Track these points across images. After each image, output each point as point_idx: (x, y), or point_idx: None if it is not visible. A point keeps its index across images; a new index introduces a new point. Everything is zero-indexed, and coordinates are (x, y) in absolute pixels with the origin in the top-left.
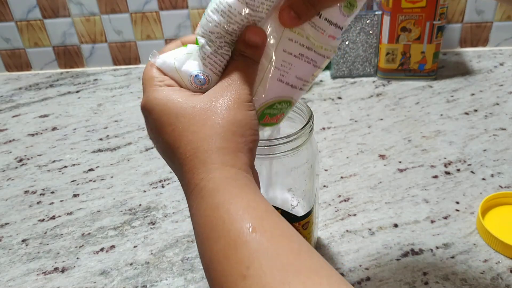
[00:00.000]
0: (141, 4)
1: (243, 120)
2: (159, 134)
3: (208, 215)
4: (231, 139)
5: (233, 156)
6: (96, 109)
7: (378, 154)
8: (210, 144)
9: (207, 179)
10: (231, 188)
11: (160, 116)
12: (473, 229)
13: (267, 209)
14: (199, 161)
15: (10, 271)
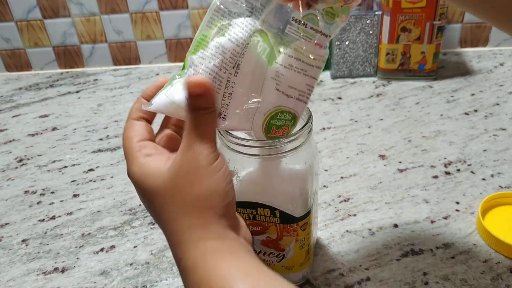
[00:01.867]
0: (141, 4)
1: (207, 191)
2: (146, 206)
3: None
4: (198, 216)
5: (203, 230)
6: (96, 109)
7: (378, 154)
8: (181, 223)
9: (185, 258)
10: (208, 263)
11: (139, 192)
12: (473, 229)
13: (247, 271)
14: (175, 241)
15: (10, 271)
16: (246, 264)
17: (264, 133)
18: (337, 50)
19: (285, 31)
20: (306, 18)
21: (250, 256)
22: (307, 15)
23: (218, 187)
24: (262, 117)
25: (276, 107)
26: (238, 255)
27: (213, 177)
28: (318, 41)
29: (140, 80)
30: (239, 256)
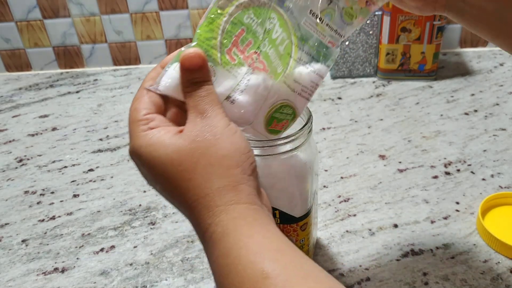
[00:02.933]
0: (141, 4)
1: (231, 150)
2: (155, 183)
3: (221, 262)
4: (227, 175)
5: (235, 192)
6: (96, 110)
7: (378, 155)
8: (208, 188)
9: (215, 224)
10: (240, 229)
11: (149, 165)
12: (473, 229)
13: (279, 246)
14: (202, 207)
15: (10, 271)
16: (276, 239)
17: (265, 125)
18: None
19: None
20: (324, 13)
21: (276, 229)
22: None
23: (241, 145)
24: (267, 109)
25: (281, 100)
26: (267, 227)
27: (233, 136)
28: (331, 39)
29: (140, 81)
30: (268, 228)
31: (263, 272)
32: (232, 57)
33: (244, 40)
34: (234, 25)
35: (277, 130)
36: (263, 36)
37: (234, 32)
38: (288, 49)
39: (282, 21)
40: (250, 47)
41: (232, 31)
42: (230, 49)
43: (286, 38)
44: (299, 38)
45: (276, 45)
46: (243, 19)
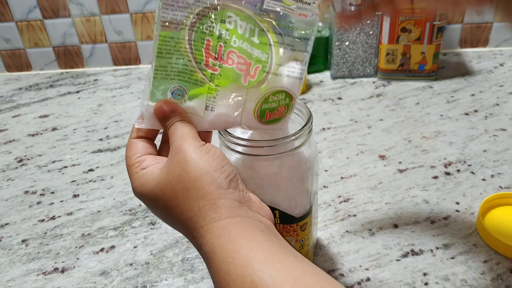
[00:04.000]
0: (141, 4)
1: (203, 170)
2: (155, 214)
3: (216, 279)
4: (203, 195)
5: (214, 209)
6: (96, 110)
7: (378, 155)
8: (191, 211)
9: (204, 244)
10: (226, 246)
11: (145, 201)
12: (473, 229)
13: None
14: (192, 229)
15: (10, 271)
16: (262, 249)
17: (258, 119)
18: (337, 50)
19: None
20: None
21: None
22: None
23: (213, 163)
24: (253, 104)
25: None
26: (254, 238)
27: (205, 156)
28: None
29: (140, 81)
30: (254, 239)
31: (252, 284)
32: (211, 67)
33: (214, 48)
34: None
35: (275, 118)
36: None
37: (202, 45)
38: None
39: (241, 14)
40: (223, 49)
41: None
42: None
43: (254, 27)
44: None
45: (247, 38)
46: (203, 30)
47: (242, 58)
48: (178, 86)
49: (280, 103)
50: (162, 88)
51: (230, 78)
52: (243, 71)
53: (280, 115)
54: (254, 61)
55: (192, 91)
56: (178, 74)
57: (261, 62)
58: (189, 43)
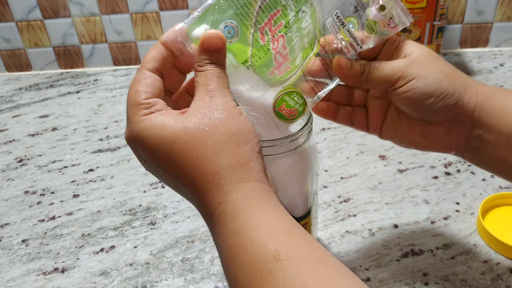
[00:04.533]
0: (142, 4)
1: (240, 128)
2: (157, 167)
3: (230, 242)
4: (237, 152)
5: (245, 169)
6: (96, 110)
7: (378, 155)
8: (219, 164)
9: (225, 202)
10: (251, 209)
11: (152, 148)
12: (473, 229)
13: (289, 228)
14: (212, 185)
15: (10, 271)
16: (286, 221)
17: (273, 105)
18: None
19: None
20: (348, 20)
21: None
22: (350, 17)
23: (248, 124)
24: (280, 88)
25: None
26: (277, 208)
27: (241, 116)
28: (348, 46)
29: None
30: (277, 209)
31: (275, 254)
32: (263, 35)
33: (277, 21)
34: (273, 3)
35: (284, 116)
36: (293, 22)
37: (272, 11)
38: (312, 42)
39: (313, 13)
40: (280, 28)
41: (270, 8)
42: (263, 27)
43: (312, 32)
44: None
45: (303, 35)
46: (282, 0)
47: (285, 50)
48: (235, 25)
49: (296, 106)
50: (217, 17)
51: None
52: (278, 63)
53: (290, 116)
54: (292, 60)
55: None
56: (241, 13)
57: (293, 65)
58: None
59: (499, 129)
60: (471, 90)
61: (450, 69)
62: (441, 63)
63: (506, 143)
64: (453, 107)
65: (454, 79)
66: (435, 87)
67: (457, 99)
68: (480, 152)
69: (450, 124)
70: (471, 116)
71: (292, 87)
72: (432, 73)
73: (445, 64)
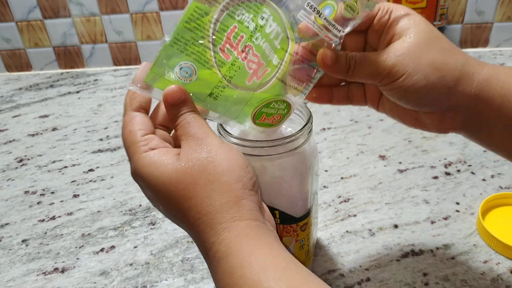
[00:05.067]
0: (142, 4)
1: (230, 165)
2: (157, 202)
3: (225, 281)
4: (228, 190)
5: (237, 207)
6: (96, 110)
7: (378, 155)
8: (210, 205)
9: (218, 242)
10: (244, 247)
11: (150, 185)
12: (473, 230)
13: (283, 264)
14: (205, 226)
15: (10, 271)
16: (280, 256)
17: (252, 119)
18: None
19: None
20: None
21: (280, 246)
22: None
23: (239, 160)
24: (255, 105)
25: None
26: (272, 245)
27: (230, 152)
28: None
29: None
30: (272, 246)
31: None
32: (226, 54)
33: (237, 36)
34: (226, 22)
35: (268, 123)
36: (256, 31)
37: (227, 30)
38: (284, 45)
39: (276, 15)
40: (242, 41)
41: (225, 28)
42: (222, 47)
43: (281, 32)
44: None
45: (270, 39)
46: (235, 16)
47: (257, 57)
48: (190, 64)
49: (279, 111)
50: (173, 60)
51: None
52: (252, 70)
53: (274, 122)
54: (267, 64)
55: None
56: (195, 53)
57: (271, 66)
58: (215, 22)
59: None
60: (464, 80)
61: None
62: (433, 52)
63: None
64: (443, 101)
65: (445, 71)
66: (423, 84)
67: (447, 92)
68: (478, 133)
69: (445, 112)
70: (465, 106)
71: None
72: (421, 68)
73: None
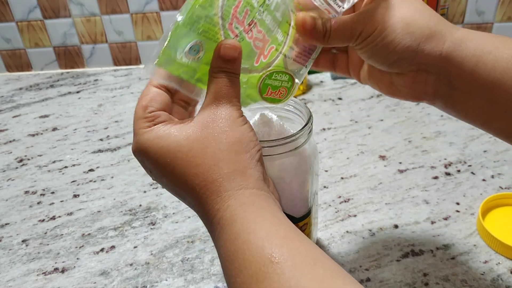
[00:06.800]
0: (142, 4)
1: (241, 137)
2: (161, 176)
3: (229, 247)
4: (236, 160)
5: (243, 177)
6: (97, 110)
7: (378, 155)
8: (218, 172)
9: (223, 209)
10: (249, 215)
11: (156, 157)
12: (473, 230)
13: (286, 233)
14: (211, 192)
15: (10, 271)
16: (284, 225)
17: (259, 93)
18: None
19: None
20: None
21: (284, 216)
22: None
23: (250, 134)
24: (258, 75)
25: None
26: (275, 214)
27: (244, 125)
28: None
29: (140, 81)
30: (276, 215)
31: (270, 257)
32: (233, 31)
33: (241, 11)
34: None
35: (276, 98)
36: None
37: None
38: (287, 17)
39: None
40: (247, 17)
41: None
42: (230, 23)
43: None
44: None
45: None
46: None
47: (261, 33)
48: (199, 42)
49: (283, 84)
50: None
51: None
52: (259, 49)
53: (281, 96)
54: (272, 40)
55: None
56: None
57: (276, 43)
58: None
59: (472, 79)
60: (435, 38)
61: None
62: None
63: (482, 93)
64: (412, 59)
65: (414, 28)
66: (391, 38)
67: (415, 50)
68: (451, 101)
69: (416, 74)
70: (435, 65)
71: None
72: (390, 23)
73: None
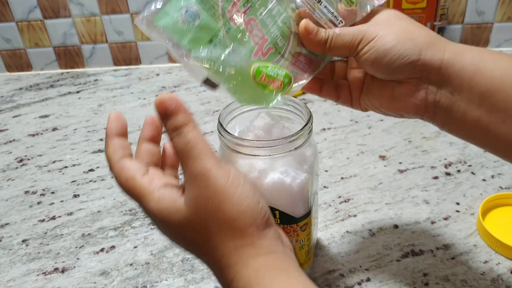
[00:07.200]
0: (142, 4)
1: (239, 210)
2: (176, 242)
3: None
4: (241, 236)
5: (252, 247)
6: (97, 110)
7: (378, 155)
8: (224, 249)
9: (237, 279)
10: (263, 282)
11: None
12: (473, 230)
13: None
14: (223, 265)
15: (10, 271)
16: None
17: (252, 75)
18: None
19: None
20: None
21: (299, 272)
22: None
23: (248, 201)
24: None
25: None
26: (290, 273)
27: (237, 193)
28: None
29: (140, 81)
30: (290, 274)
31: None
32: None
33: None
34: None
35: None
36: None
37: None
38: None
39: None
40: (248, 13)
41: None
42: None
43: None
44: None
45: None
46: None
47: (261, 32)
48: (195, 9)
49: (279, 77)
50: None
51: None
52: (258, 45)
53: (273, 87)
54: (271, 40)
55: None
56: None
57: (276, 45)
58: None
59: (471, 87)
60: (436, 47)
61: (414, 28)
62: (405, 22)
63: (480, 102)
64: (415, 64)
65: (415, 36)
66: (393, 44)
67: (418, 55)
68: (451, 113)
69: (418, 82)
70: (436, 73)
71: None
72: (392, 31)
73: (410, 23)
